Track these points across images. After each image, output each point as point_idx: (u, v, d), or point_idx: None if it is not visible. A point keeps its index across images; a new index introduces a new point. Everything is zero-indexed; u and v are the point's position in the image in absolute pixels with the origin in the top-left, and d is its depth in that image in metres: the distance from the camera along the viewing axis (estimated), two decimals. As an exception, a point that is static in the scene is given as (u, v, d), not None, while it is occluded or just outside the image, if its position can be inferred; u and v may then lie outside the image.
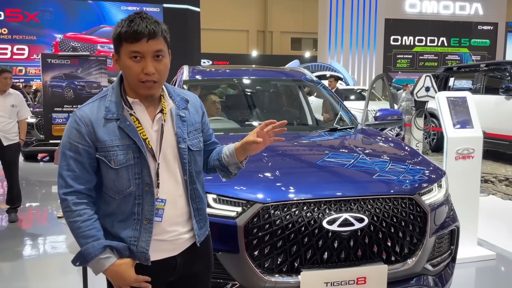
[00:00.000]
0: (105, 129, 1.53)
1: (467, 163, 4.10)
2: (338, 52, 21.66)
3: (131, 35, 1.46)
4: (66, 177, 1.54)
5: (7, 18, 17.32)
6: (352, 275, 2.32)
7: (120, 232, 1.58)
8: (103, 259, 1.54)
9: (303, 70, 4.46)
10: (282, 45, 29.94)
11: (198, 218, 1.70)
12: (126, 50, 1.50)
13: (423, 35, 23.05)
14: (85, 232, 1.53)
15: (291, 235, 2.27)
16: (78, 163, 1.54)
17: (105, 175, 1.57)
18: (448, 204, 2.79)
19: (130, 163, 1.54)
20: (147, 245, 1.57)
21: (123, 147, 1.54)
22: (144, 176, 1.56)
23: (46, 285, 3.59)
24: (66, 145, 1.55)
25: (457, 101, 4.19)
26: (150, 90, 1.55)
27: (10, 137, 5.02)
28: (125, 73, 1.55)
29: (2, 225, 5.16)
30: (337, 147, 3.16)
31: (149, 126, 1.59)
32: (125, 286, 1.58)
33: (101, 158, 1.54)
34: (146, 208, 1.57)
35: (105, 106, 1.56)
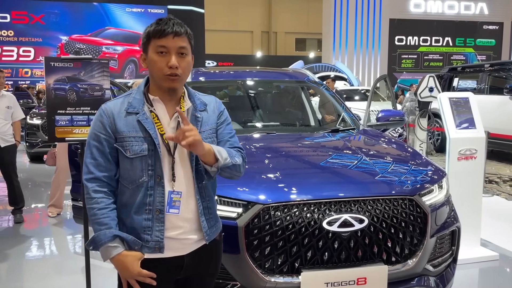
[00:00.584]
0: (124, 121, 1.66)
1: (470, 164, 4.09)
2: (342, 52, 21.64)
3: (159, 31, 1.63)
4: (89, 164, 1.67)
5: (13, 20, 17.45)
6: (352, 276, 2.34)
7: (134, 222, 1.67)
8: (111, 248, 1.62)
9: (306, 71, 4.47)
10: (287, 45, 29.94)
11: (208, 217, 1.75)
12: (154, 45, 1.65)
13: (428, 35, 22.97)
14: (100, 219, 1.63)
15: (291, 235, 2.29)
16: (100, 152, 1.67)
17: (122, 164, 1.68)
18: (449, 204, 2.79)
19: (144, 154, 1.65)
20: (161, 234, 1.65)
21: (139, 138, 1.65)
22: (156, 168, 1.66)
23: (49, 284, 3.62)
24: (91, 135, 1.69)
25: (459, 102, 4.19)
26: (173, 83, 1.66)
27: (7, 138, 5.07)
28: (151, 67, 1.67)
29: (8, 226, 5.21)
30: (338, 148, 3.17)
31: (166, 123, 1.70)
32: (129, 278, 1.65)
33: (119, 148, 1.66)
34: (157, 199, 1.66)
35: (129, 102, 1.70)
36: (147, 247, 1.66)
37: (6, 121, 5.12)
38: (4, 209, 5.78)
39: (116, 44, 18.35)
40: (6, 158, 5.14)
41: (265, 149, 2.94)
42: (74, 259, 4.14)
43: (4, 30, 17.50)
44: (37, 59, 18.12)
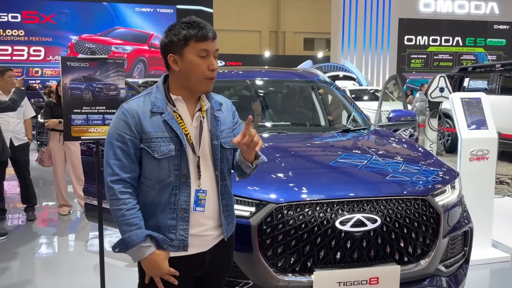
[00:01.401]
0: (150, 122, 1.65)
1: (482, 165, 4.07)
2: (351, 52, 21.57)
3: (203, 35, 1.64)
4: (113, 165, 1.65)
5: (23, 20, 17.61)
6: (364, 275, 2.34)
7: (158, 221, 1.68)
8: (144, 247, 1.63)
9: (316, 71, 4.47)
10: (295, 45, 29.88)
11: (226, 214, 1.80)
12: (196, 49, 1.64)
13: (437, 34, 22.82)
14: (129, 220, 1.63)
15: (304, 235, 2.29)
16: (124, 153, 1.65)
17: (147, 165, 1.67)
18: (462, 205, 2.78)
19: (171, 155, 1.66)
20: (185, 233, 1.68)
21: (166, 139, 1.66)
22: (182, 168, 1.67)
23: (60, 281, 3.66)
24: (114, 135, 1.66)
25: (471, 102, 4.17)
26: (211, 86, 1.71)
27: (20, 137, 5.13)
28: (190, 70, 1.66)
29: (20, 223, 5.27)
30: (349, 148, 3.17)
31: (189, 123, 1.72)
32: (158, 276, 1.67)
33: (145, 149, 1.65)
34: (182, 198, 1.68)
35: (151, 101, 1.68)
36: (171, 246, 1.68)
37: (18, 119, 5.17)
38: (15, 207, 5.85)
39: (125, 44, 18.46)
40: (20, 157, 5.19)
41: (276, 148, 2.95)
42: (85, 256, 4.18)
43: (15, 29, 17.66)
44: (47, 58, 18.25)
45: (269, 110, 4.12)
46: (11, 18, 17.38)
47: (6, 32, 17.51)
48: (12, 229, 5.04)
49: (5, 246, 4.46)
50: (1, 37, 17.39)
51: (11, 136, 5.07)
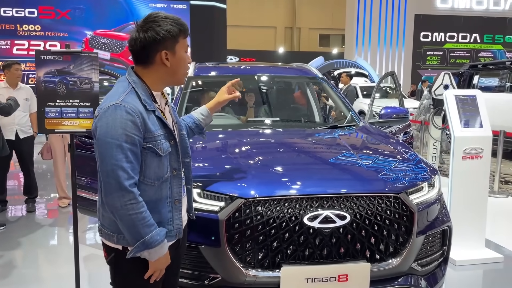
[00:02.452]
0: (150, 120, 1.65)
1: (475, 163, 4.00)
2: (365, 48, 21.33)
3: (186, 31, 1.72)
4: (128, 168, 1.57)
5: (40, 15, 17.86)
6: (333, 272, 2.32)
7: (160, 216, 1.73)
8: (166, 244, 1.71)
9: (309, 66, 4.44)
10: (310, 41, 29.69)
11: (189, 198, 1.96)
12: (183, 44, 1.71)
13: (454, 31, 22.38)
14: (149, 221, 1.64)
15: (272, 230, 2.29)
16: (134, 155, 1.60)
17: (150, 164, 1.66)
18: (440, 203, 2.74)
19: (170, 150, 1.73)
20: (180, 221, 1.78)
21: (164, 136, 1.70)
22: (172, 162, 1.75)
23: (59, 271, 3.73)
24: (122, 137, 1.56)
25: (466, 100, 4.10)
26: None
27: (25, 130, 5.25)
28: (178, 65, 1.71)
29: (21, 214, 5.39)
30: (328, 144, 3.15)
31: (168, 117, 1.79)
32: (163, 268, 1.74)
33: (152, 147, 1.65)
34: (175, 190, 1.76)
35: (142, 99, 1.65)
36: (169, 236, 1.75)
37: (24, 113, 5.28)
38: (16, 198, 5.97)
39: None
40: (25, 149, 5.31)
41: (253, 144, 2.95)
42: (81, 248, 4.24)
43: (31, 24, 17.92)
44: (63, 53, 18.49)
45: (263, 105, 4.11)
46: (28, 14, 17.65)
47: (23, 27, 17.79)
48: (12, 220, 5.16)
49: (3, 236, 4.57)
50: (18, 32, 17.67)
51: (16, 128, 5.19)
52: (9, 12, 17.42)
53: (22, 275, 3.71)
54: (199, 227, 2.28)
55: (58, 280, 3.58)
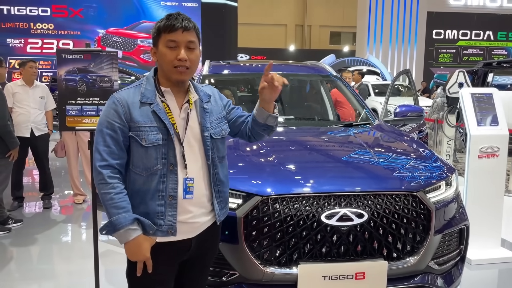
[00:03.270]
0: (139, 111, 1.73)
1: (491, 162, 3.97)
2: (377, 46, 21.21)
3: (169, 26, 1.72)
4: (102, 151, 1.71)
5: (53, 14, 18.03)
6: (350, 270, 2.33)
7: (148, 207, 1.75)
8: (131, 230, 1.69)
9: (323, 64, 4.44)
10: (321, 39, 29.59)
11: (219, 200, 1.89)
12: (164, 40, 1.73)
13: (468, 28, 22.15)
14: (117, 203, 1.69)
15: (289, 228, 2.30)
16: (114, 140, 1.72)
17: (135, 153, 1.74)
18: (458, 202, 2.73)
19: (158, 143, 1.73)
20: (174, 219, 1.75)
21: (154, 128, 1.73)
22: (169, 157, 1.75)
23: (74, 268, 3.78)
24: (104, 123, 1.73)
25: (482, 98, 4.07)
26: (182, 76, 1.75)
27: (41, 127, 5.31)
28: (161, 60, 1.75)
29: (37, 211, 5.46)
30: (344, 142, 3.15)
31: (177, 114, 1.79)
32: (139, 260, 1.73)
33: (134, 137, 1.72)
34: (170, 186, 1.74)
35: (141, 92, 1.77)
36: (160, 231, 1.75)
37: (40, 110, 5.34)
38: (33, 195, 6.06)
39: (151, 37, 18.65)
40: (40, 146, 5.38)
41: (269, 142, 2.96)
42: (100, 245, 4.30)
43: (45, 23, 18.11)
44: (76, 51, 18.64)
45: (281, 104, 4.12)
46: (41, 12, 17.84)
47: (37, 25, 17.98)
48: (29, 216, 5.24)
49: (20, 232, 4.64)
50: (32, 31, 17.87)
51: (32, 126, 5.25)
52: (23, 10, 17.61)
53: (38, 271, 3.77)
54: (217, 224, 2.30)
55: (74, 276, 3.64)
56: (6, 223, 4.71)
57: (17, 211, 5.31)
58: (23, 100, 5.21)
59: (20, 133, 5.06)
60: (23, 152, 5.21)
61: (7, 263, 3.93)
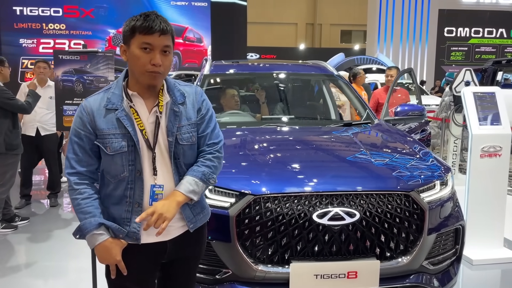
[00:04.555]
0: (104, 119, 1.68)
1: (494, 162, 3.93)
2: (387, 44, 21.05)
3: (146, 28, 1.61)
4: (70, 159, 1.72)
5: (65, 14, 18.24)
6: (342, 269, 2.35)
7: (114, 212, 1.74)
8: (97, 235, 1.68)
9: (325, 64, 4.44)
10: (331, 38, 29.46)
11: (191, 206, 1.80)
12: (138, 41, 1.63)
13: (480, 26, 21.85)
14: (84, 208, 1.69)
15: (281, 227, 2.32)
16: (81, 148, 1.71)
17: (103, 160, 1.73)
18: (453, 202, 2.72)
19: (123, 151, 1.69)
20: (138, 226, 1.72)
21: (119, 135, 1.68)
22: (136, 163, 1.70)
23: (79, 265, 3.82)
24: (72, 131, 1.74)
25: (484, 97, 4.03)
26: (154, 80, 1.67)
27: (48, 127, 5.36)
28: (133, 62, 1.66)
29: (44, 209, 5.56)
30: (340, 141, 3.15)
31: (146, 118, 1.72)
32: (109, 263, 1.73)
33: (99, 145, 1.69)
34: (137, 193, 1.72)
35: (107, 97, 1.71)
36: (127, 236, 1.73)
37: (48, 110, 5.40)
38: (40, 193, 6.16)
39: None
40: (46, 146, 5.45)
41: (265, 142, 2.98)
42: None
43: (57, 23, 18.32)
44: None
45: (278, 104, 4.14)
46: (53, 13, 18.06)
47: (49, 26, 18.21)
48: (35, 214, 5.33)
49: (27, 230, 4.73)
50: (44, 31, 18.09)
51: (37, 125, 5.33)
52: (35, 11, 17.84)
53: (45, 267, 3.84)
54: (211, 223, 2.31)
55: (79, 272, 3.69)
56: (13, 220, 4.80)
57: (25, 209, 5.40)
58: None
59: (26, 131, 5.15)
60: (31, 151, 5.30)
61: (13, 259, 4.01)
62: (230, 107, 3.91)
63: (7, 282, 3.57)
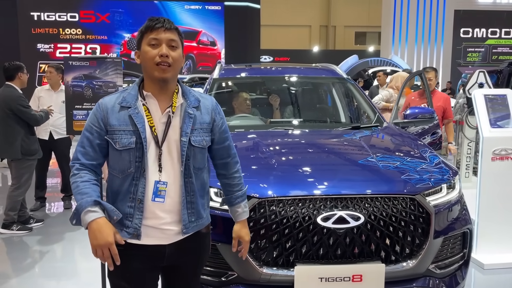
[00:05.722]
0: (117, 115, 1.79)
1: (505, 165, 3.89)
2: (402, 46, 20.86)
3: (150, 26, 1.78)
4: (78, 151, 1.82)
5: (81, 19, 18.54)
6: (347, 272, 2.35)
7: (120, 208, 1.78)
8: (91, 212, 1.69)
9: (334, 66, 4.44)
10: (346, 39, 29.34)
11: (190, 211, 1.84)
12: (146, 39, 1.78)
13: (497, 26, 21.51)
14: (82, 189, 1.75)
15: (286, 230, 2.34)
16: (89, 142, 1.80)
17: (112, 155, 1.81)
18: (461, 205, 2.70)
19: (131, 147, 1.76)
20: (139, 222, 1.77)
21: (128, 132, 1.77)
22: (143, 161, 1.77)
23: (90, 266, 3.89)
24: (86, 126, 1.84)
25: (496, 99, 4.00)
26: (164, 73, 1.77)
27: (60, 131, 5.45)
28: (144, 59, 1.79)
29: (57, 211, 5.66)
30: (346, 145, 3.15)
31: (158, 117, 1.80)
32: (100, 246, 1.68)
33: (109, 140, 1.78)
34: (140, 190, 1.77)
35: (123, 96, 1.83)
36: (126, 232, 1.77)
37: (61, 114, 5.49)
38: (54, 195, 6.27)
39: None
40: (59, 150, 5.56)
41: (271, 145, 3.00)
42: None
43: (73, 28, 18.63)
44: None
45: (287, 107, 4.16)
46: (70, 18, 18.37)
47: (65, 31, 18.52)
48: (50, 216, 5.44)
49: (41, 232, 4.83)
50: (60, 36, 18.41)
51: (50, 129, 5.43)
52: (52, 16, 18.17)
53: (58, 268, 3.92)
54: (217, 225, 2.35)
55: (90, 273, 3.75)
56: (28, 222, 4.91)
57: (39, 211, 5.51)
58: (46, 103, 5.39)
59: (39, 135, 5.25)
60: (45, 154, 5.40)
61: (28, 260, 4.11)
62: (241, 110, 3.94)
63: (21, 282, 3.66)
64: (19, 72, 4.81)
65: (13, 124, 4.65)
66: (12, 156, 4.70)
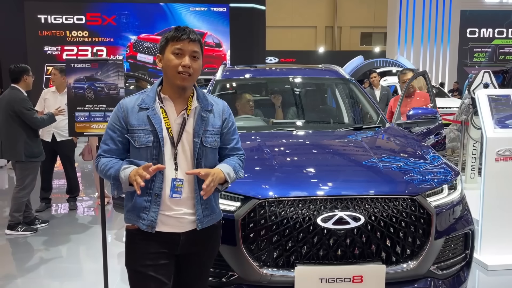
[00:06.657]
0: (136, 116, 1.94)
1: (510, 165, 3.87)
2: (408, 46, 20.78)
3: (177, 36, 1.90)
4: (102, 147, 1.99)
5: (87, 22, 18.64)
6: (347, 273, 2.35)
7: (136, 202, 1.92)
8: (127, 168, 1.86)
9: (336, 67, 4.44)
10: (351, 40, 29.27)
11: (203, 206, 1.97)
12: (171, 48, 1.91)
13: (504, 26, 21.37)
14: (113, 164, 1.91)
15: (286, 230, 2.34)
16: (111, 140, 1.97)
17: (132, 152, 1.96)
18: (462, 206, 2.69)
19: (149, 145, 1.91)
20: (155, 215, 1.91)
21: (146, 131, 1.92)
22: (159, 158, 1.91)
23: (95, 267, 3.93)
24: (109, 125, 1.99)
25: (500, 99, 3.98)
26: (184, 81, 1.91)
27: (63, 133, 5.47)
28: (166, 66, 1.92)
29: (63, 212, 5.70)
30: (347, 145, 3.15)
31: (173, 119, 1.95)
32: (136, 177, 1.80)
33: (129, 138, 1.94)
34: (157, 185, 1.91)
35: (142, 98, 1.97)
36: (142, 223, 1.91)
37: (64, 117, 5.53)
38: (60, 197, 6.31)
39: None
40: (62, 152, 5.60)
41: (272, 146, 3.01)
42: (115, 245, 4.47)
43: (80, 31, 18.74)
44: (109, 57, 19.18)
45: (290, 108, 4.16)
46: (76, 20, 18.49)
47: (72, 33, 18.64)
48: (55, 217, 5.48)
49: (46, 232, 4.87)
50: (67, 38, 18.54)
51: (53, 131, 5.47)
52: (59, 19, 18.30)
53: (62, 269, 3.95)
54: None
55: (95, 274, 3.78)
56: (33, 223, 4.95)
57: (44, 212, 5.56)
58: (51, 106, 5.44)
59: (43, 137, 5.29)
60: (49, 156, 5.45)
61: (33, 261, 4.14)
62: (244, 111, 3.95)
63: (26, 282, 3.69)
64: (24, 74, 4.85)
65: (16, 126, 4.69)
66: (16, 158, 4.74)
